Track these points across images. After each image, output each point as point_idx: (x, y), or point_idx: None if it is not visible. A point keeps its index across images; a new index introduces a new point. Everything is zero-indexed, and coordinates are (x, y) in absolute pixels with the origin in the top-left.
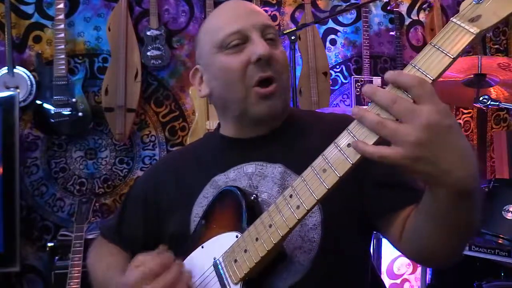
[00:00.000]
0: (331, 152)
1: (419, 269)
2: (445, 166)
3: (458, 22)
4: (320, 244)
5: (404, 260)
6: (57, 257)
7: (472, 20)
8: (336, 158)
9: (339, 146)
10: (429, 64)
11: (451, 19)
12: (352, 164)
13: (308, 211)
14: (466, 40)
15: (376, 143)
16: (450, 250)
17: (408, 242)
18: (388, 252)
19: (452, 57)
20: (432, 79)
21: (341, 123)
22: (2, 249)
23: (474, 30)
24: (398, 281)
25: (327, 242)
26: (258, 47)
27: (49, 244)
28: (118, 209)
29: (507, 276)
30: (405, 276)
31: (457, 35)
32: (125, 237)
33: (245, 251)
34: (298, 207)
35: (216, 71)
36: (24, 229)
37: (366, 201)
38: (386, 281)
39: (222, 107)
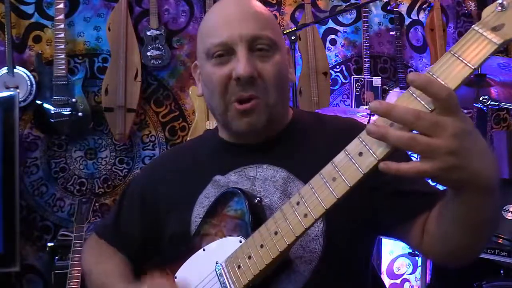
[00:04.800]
0: (341, 160)
1: (419, 269)
2: (474, 169)
3: (480, 31)
4: (321, 255)
5: (404, 260)
6: (57, 257)
7: (494, 29)
8: (347, 167)
9: (349, 155)
10: (448, 73)
11: (472, 26)
12: (363, 174)
13: (316, 220)
14: (488, 50)
15: (389, 154)
16: (476, 248)
17: (432, 246)
18: (388, 252)
19: (473, 67)
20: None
21: (347, 129)
22: (2, 249)
23: (497, 40)
24: (398, 281)
25: (328, 253)
26: (239, 65)
27: (49, 244)
28: (114, 208)
29: (507, 276)
30: (405, 276)
31: (479, 45)
32: (122, 238)
33: (249, 257)
34: (305, 215)
35: (205, 78)
36: (24, 229)
37: (380, 213)
38: (386, 281)
39: (211, 112)
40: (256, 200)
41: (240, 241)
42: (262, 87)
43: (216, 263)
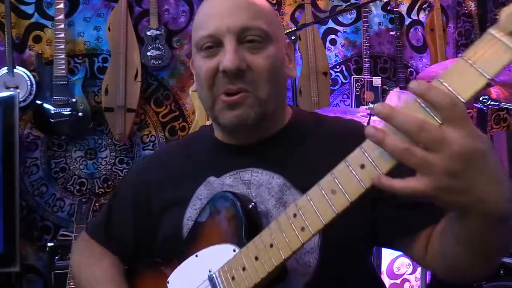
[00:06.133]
0: (341, 171)
1: (419, 269)
2: (479, 194)
3: (498, 35)
4: (316, 269)
5: (404, 260)
6: (57, 257)
7: None
8: (348, 180)
9: (350, 166)
10: (461, 83)
11: (488, 30)
12: (365, 189)
13: (313, 235)
14: (507, 58)
15: (394, 167)
16: (481, 270)
17: (435, 261)
18: (388, 252)
19: (489, 77)
20: (463, 101)
21: (348, 135)
22: (2, 249)
23: None
24: (398, 281)
25: (324, 267)
26: (225, 58)
27: (49, 244)
28: (105, 207)
29: (507, 276)
30: (405, 276)
31: (496, 52)
32: (114, 239)
33: (244, 269)
34: (303, 229)
35: (196, 71)
36: (24, 229)
37: (383, 225)
38: (386, 281)
39: (204, 108)
40: (251, 205)
41: (234, 250)
42: (251, 80)
43: (210, 272)
